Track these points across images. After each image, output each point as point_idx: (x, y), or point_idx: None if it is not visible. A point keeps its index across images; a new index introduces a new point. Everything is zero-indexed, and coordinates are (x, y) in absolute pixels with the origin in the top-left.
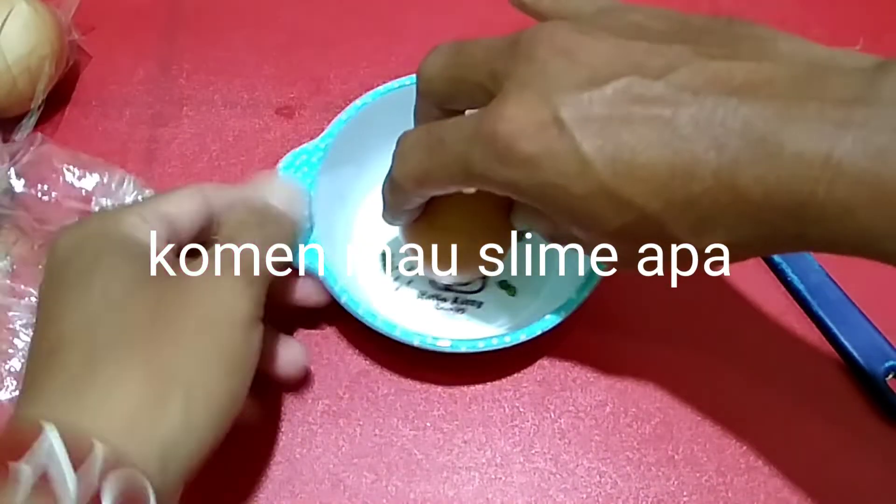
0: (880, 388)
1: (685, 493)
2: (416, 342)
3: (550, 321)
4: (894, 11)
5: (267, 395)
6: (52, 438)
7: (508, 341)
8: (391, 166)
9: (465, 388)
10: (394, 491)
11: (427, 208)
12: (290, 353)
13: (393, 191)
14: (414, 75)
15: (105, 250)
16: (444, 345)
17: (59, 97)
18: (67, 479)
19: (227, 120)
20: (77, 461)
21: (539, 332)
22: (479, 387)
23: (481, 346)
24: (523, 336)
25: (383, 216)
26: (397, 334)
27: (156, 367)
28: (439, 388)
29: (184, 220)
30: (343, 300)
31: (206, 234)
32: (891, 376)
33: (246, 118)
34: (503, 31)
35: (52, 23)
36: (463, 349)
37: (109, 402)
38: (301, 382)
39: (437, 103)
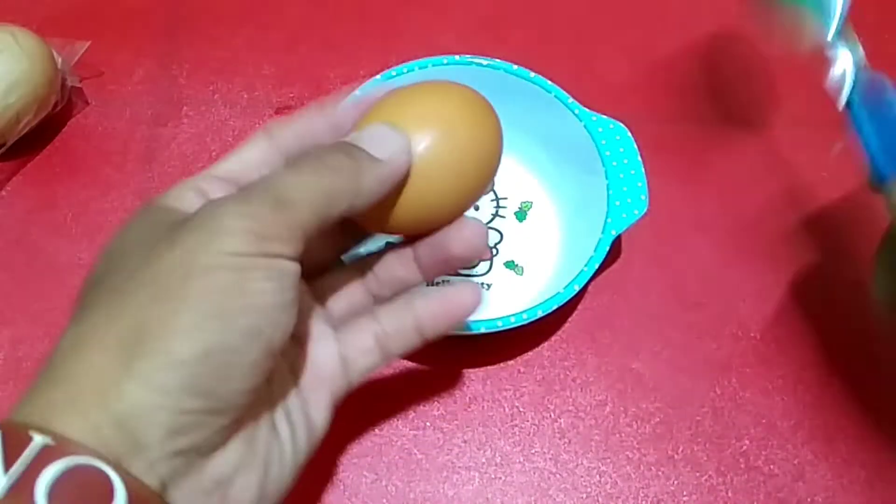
0: None
1: (685, 493)
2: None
3: (564, 295)
4: (894, 11)
5: None
6: None
7: (526, 318)
8: None
9: (465, 388)
10: (394, 491)
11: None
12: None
13: None
14: (405, 64)
15: (133, 217)
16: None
17: (58, 102)
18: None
19: (226, 120)
20: (12, 456)
21: (555, 307)
22: (479, 387)
23: (500, 325)
24: (540, 312)
25: None
26: None
27: (110, 332)
28: (439, 388)
29: (246, 171)
30: None
31: None
32: None
33: (246, 118)
34: (502, 30)
35: (41, 67)
36: (483, 329)
37: (56, 381)
38: None
39: None
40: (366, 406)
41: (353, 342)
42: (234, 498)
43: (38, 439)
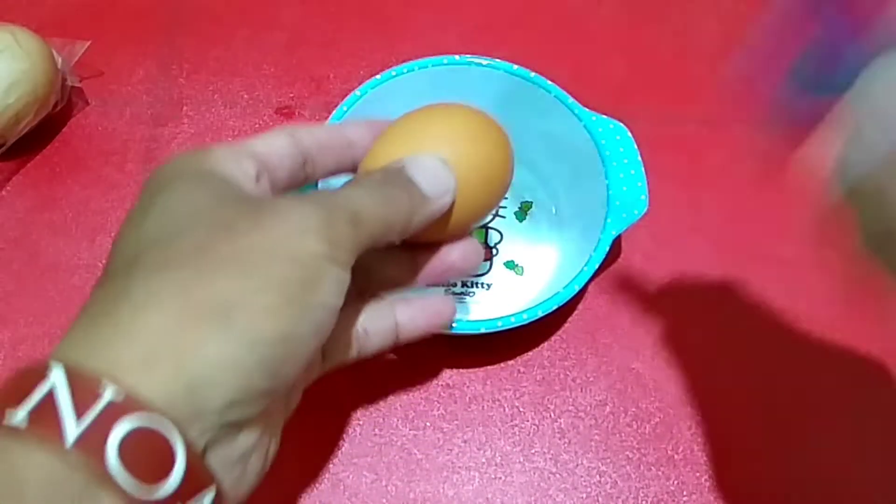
0: None
1: (685, 493)
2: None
3: (564, 295)
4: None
5: None
6: (57, 381)
7: (526, 318)
8: None
9: (465, 388)
10: (394, 491)
11: None
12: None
13: None
14: (405, 64)
15: (181, 176)
16: (466, 327)
17: (58, 103)
18: (67, 426)
19: (226, 120)
20: (82, 405)
21: (555, 307)
22: (479, 387)
23: (500, 326)
24: (540, 312)
25: None
26: None
27: (192, 296)
28: (439, 388)
29: (273, 157)
30: None
31: (299, 174)
32: None
33: (245, 118)
34: (502, 30)
35: (41, 67)
36: (482, 329)
37: (129, 335)
38: None
39: None
40: (366, 406)
41: (333, 336)
42: (248, 473)
43: (110, 392)
